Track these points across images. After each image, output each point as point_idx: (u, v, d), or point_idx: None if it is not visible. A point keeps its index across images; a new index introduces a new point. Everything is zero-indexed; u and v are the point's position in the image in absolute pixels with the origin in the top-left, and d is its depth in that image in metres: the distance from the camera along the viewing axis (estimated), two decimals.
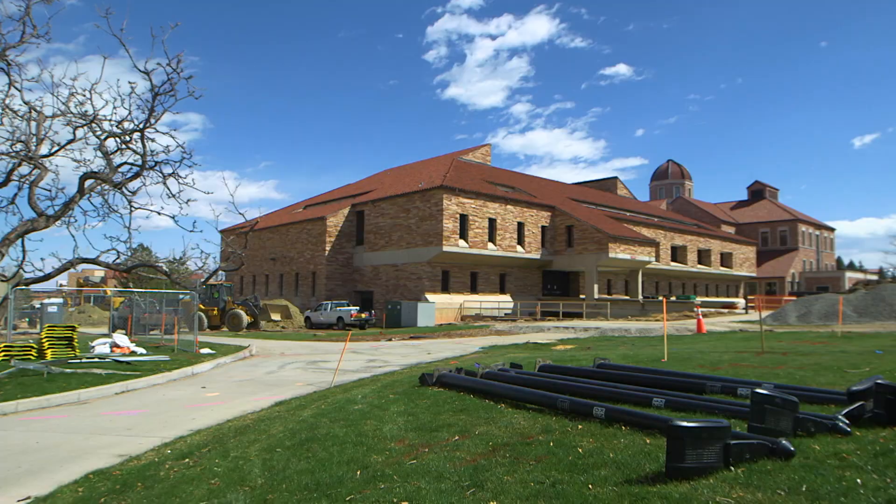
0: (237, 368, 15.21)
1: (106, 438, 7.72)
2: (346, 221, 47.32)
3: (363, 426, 6.05)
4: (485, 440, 5.02)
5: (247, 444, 6.01)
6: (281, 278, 51.16)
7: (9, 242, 20.41)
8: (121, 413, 9.56)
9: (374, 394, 8.36)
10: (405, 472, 4.31)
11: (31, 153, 20.62)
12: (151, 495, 4.72)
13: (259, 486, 4.43)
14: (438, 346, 20.39)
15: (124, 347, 16.07)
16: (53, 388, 11.15)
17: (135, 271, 23.97)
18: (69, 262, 21.62)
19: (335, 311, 38.30)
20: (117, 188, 22.01)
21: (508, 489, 3.72)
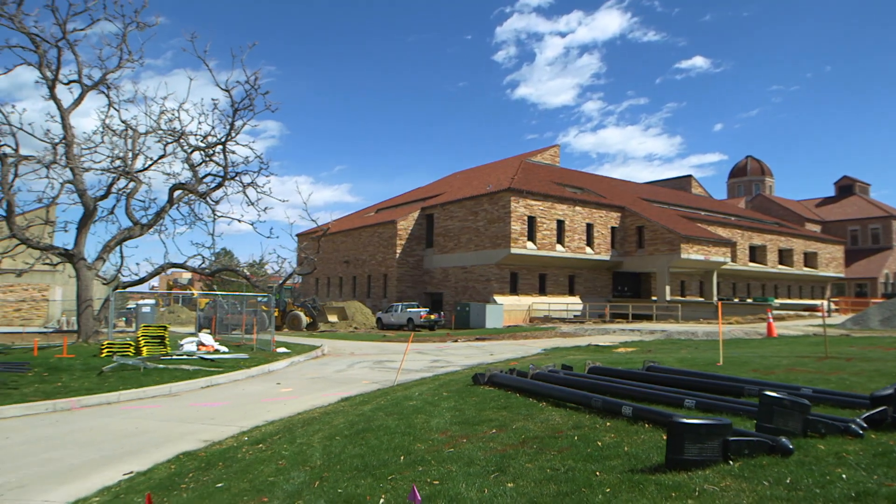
0: (309, 367, 16.26)
1: (193, 426, 8.72)
2: (415, 224, 48.46)
3: (413, 419, 6.69)
4: (518, 433, 5.54)
5: (311, 433, 6.77)
6: (354, 280, 52.91)
7: (109, 249, 22.53)
8: (206, 405, 10.64)
9: (429, 391, 9.00)
10: (442, 458, 4.90)
11: (128, 168, 22.67)
12: (230, 472, 5.52)
13: (318, 467, 5.14)
14: (502, 348, 20.87)
15: (209, 346, 17.45)
16: (149, 381, 12.44)
17: (218, 274, 25.81)
18: (161, 266, 23.62)
19: (405, 313, 39.33)
20: (202, 198, 23.87)
21: (526, 474, 4.24)
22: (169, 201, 23.68)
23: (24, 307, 38.91)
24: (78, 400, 10.69)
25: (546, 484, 3.98)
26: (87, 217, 22.08)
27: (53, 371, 12.99)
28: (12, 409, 9.86)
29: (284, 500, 4.27)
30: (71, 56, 21.75)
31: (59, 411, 10.18)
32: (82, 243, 21.88)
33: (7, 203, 20.52)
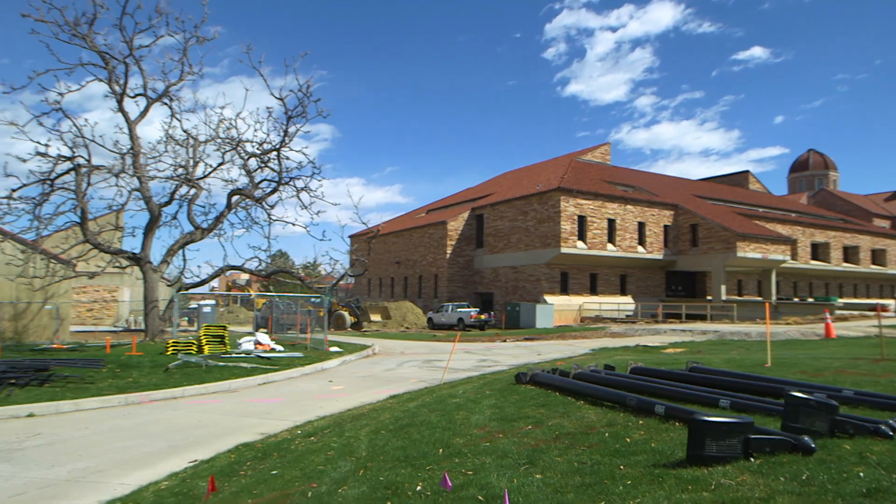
0: (360, 365, 16.82)
1: (251, 420, 9.30)
2: (465, 225, 48.83)
3: (455, 415, 7.02)
4: (553, 430, 5.80)
5: (359, 428, 7.19)
6: (405, 281, 53.69)
7: (172, 253, 23.75)
8: (262, 400, 11.25)
9: (473, 390, 9.31)
10: (478, 451, 5.22)
11: (189, 175, 23.84)
12: (284, 462, 5.98)
13: (363, 457, 5.53)
14: (549, 348, 20.99)
15: (265, 345, 18.24)
16: (210, 377, 13.19)
17: (274, 276, 26.80)
18: (220, 268, 24.74)
19: (455, 313, 39.69)
20: (258, 203, 24.87)
21: (555, 466, 4.51)
22: (227, 206, 24.77)
23: (96, 307, 41.16)
24: (147, 394, 11.49)
25: (572, 476, 4.24)
26: (153, 222, 23.34)
27: (125, 367, 13.92)
28: (90, 401, 10.71)
29: (331, 486, 4.67)
30: (136, 70, 23.04)
31: (130, 405, 10.98)
32: (148, 247, 23.14)
33: (81, 210, 21.91)
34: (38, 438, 8.27)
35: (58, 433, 8.59)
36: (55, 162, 21.84)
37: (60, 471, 6.65)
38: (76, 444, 7.96)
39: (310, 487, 4.73)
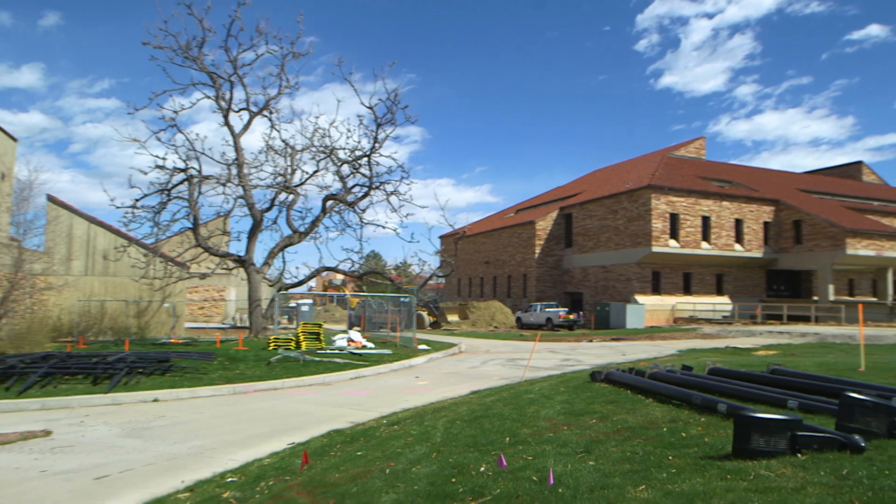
0: (446, 363, 17.50)
1: (342, 410, 10.14)
2: (554, 224, 48.71)
3: (526, 409, 7.47)
4: (615, 424, 6.13)
5: (437, 418, 7.79)
6: (494, 280, 54.19)
7: (273, 255, 25.47)
8: (353, 393, 12.13)
9: (549, 387, 9.69)
10: (541, 440, 5.65)
11: (287, 183, 25.47)
12: (368, 445, 6.66)
13: (437, 443, 6.10)
14: (635, 348, 20.84)
15: (358, 342, 19.31)
16: (307, 371, 14.28)
17: (366, 276, 28.09)
18: (316, 270, 26.27)
19: (544, 313, 39.75)
20: (351, 207, 26.19)
21: (608, 455, 4.88)
22: (322, 211, 26.26)
23: (206, 306, 44.48)
24: (252, 385, 12.68)
25: (622, 463, 4.61)
26: (256, 227, 25.14)
27: (232, 361, 15.30)
28: (204, 390, 11.99)
29: (406, 465, 5.26)
30: (240, 86, 24.91)
31: (237, 394, 12.17)
32: (252, 250, 24.95)
33: (194, 217, 24.00)
34: (162, 420, 9.47)
35: (178, 416, 9.79)
36: (171, 173, 24.03)
37: (181, 447, 7.68)
38: (193, 425, 9.06)
39: (388, 466, 5.35)
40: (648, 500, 3.69)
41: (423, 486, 4.48)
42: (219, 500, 5.07)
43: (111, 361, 13.52)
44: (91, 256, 27.77)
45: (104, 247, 27.54)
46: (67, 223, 26.97)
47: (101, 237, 27.72)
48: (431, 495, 4.25)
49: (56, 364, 13.04)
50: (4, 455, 7.37)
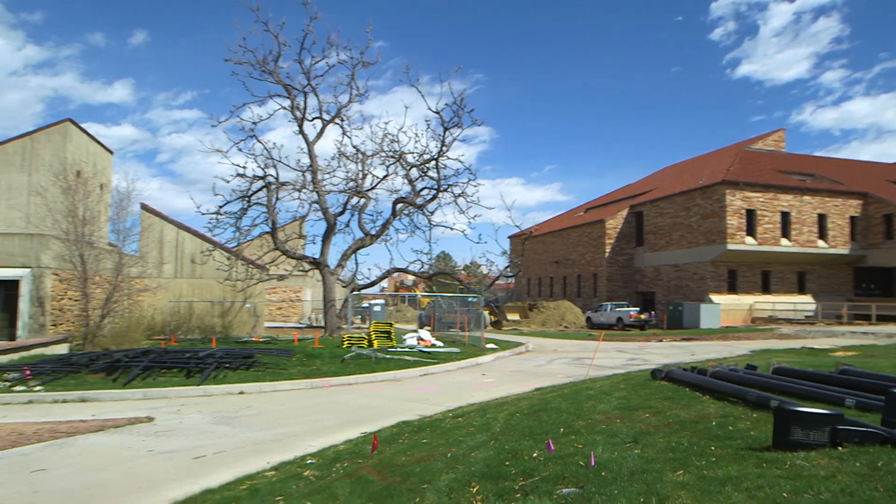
0: (513, 361, 17.88)
1: (411, 404, 10.74)
2: (624, 223, 48.06)
3: (584, 404, 7.80)
4: (667, 418, 6.39)
5: (499, 412, 8.23)
6: (564, 280, 53.93)
7: (346, 257, 26.55)
8: (422, 389, 12.73)
9: (610, 384, 9.95)
10: (593, 431, 6.01)
11: (359, 187, 26.48)
12: (433, 434, 7.19)
13: (496, 432, 6.55)
14: (706, 349, 20.52)
15: (427, 341, 19.97)
16: (378, 368, 15.03)
17: (435, 276, 28.80)
18: (387, 271, 27.19)
19: (614, 312, 39.33)
20: (420, 209, 26.94)
21: (654, 445, 5.19)
22: (392, 214, 27.16)
23: (284, 306, 46.51)
24: (327, 380, 13.51)
25: (665, 452, 4.92)
26: (329, 231, 26.30)
27: (309, 357, 16.25)
28: (284, 384, 12.92)
29: (466, 451, 5.74)
30: (313, 96, 26.11)
31: (314, 388, 13.02)
32: (326, 253, 26.12)
33: (272, 222, 25.39)
34: (248, 410, 10.36)
35: (262, 406, 10.66)
36: (251, 181, 25.51)
37: (266, 433, 8.47)
38: (275, 415, 9.89)
39: (450, 451, 5.85)
40: (684, 483, 4.02)
41: (479, 468, 4.95)
42: (300, 477, 5.71)
43: (202, 357, 14.70)
44: (180, 260, 29.80)
45: (191, 251, 29.50)
46: (159, 230, 29.07)
47: (188, 242, 29.70)
48: (486, 475, 4.71)
49: (154, 359, 14.32)
50: (118, 436, 8.37)
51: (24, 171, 30.51)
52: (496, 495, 4.20)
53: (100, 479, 6.40)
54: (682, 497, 3.71)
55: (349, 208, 27.27)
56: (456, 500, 4.20)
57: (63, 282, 22.09)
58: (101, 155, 35.11)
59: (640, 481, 4.14)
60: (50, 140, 31.14)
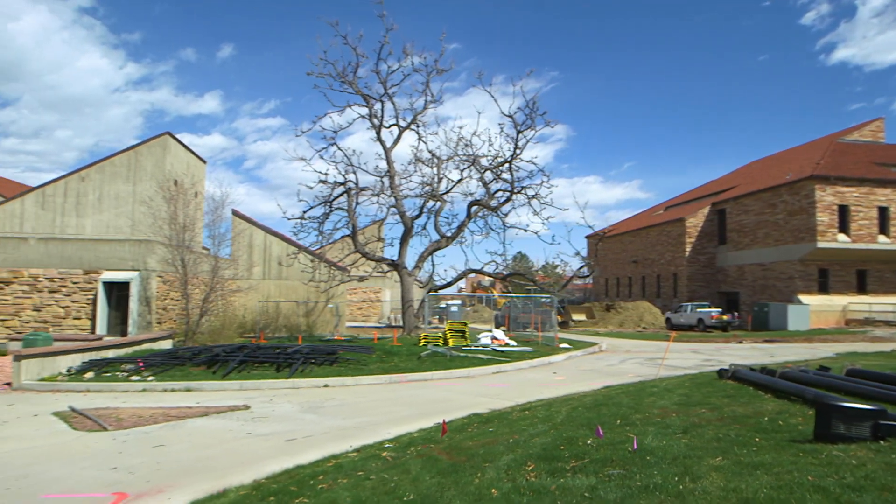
0: (585, 361, 18.13)
1: (483, 399, 11.33)
2: (706, 221, 46.75)
3: (644, 400, 8.15)
4: (722, 413, 6.69)
5: (563, 406, 8.69)
6: (643, 280, 52.99)
7: (423, 259, 27.47)
8: (494, 385, 13.30)
9: (675, 383, 10.18)
10: (648, 423, 6.40)
11: (434, 191, 27.33)
12: (500, 425, 7.76)
13: (557, 423, 7.04)
14: (787, 351, 19.98)
15: (500, 340, 20.49)
16: (453, 365, 15.71)
17: (509, 277, 29.26)
18: (462, 272, 27.90)
19: (695, 313, 38.40)
20: (494, 211, 27.49)
21: (702, 435, 5.54)
22: (467, 216, 27.83)
23: (364, 306, 48.20)
24: (405, 376, 14.32)
25: (711, 441, 5.29)
26: (407, 233, 27.28)
27: (388, 355, 17.15)
28: (365, 378, 13.83)
29: (527, 437, 6.28)
30: (389, 104, 27.18)
31: (392, 383, 13.85)
32: (404, 255, 27.12)
33: (352, 226, 26.64)
34: (332, 401, 11.28)
35: (344, 398, 11.57)
36: (332, 187, 26.87)
37: (348, 422, 9.30)
38: (357, 406, 10.74)
39: (512, 437, 6.40)
40: (718, 467, 4.42)
41: (536, 451, 5.48)
42: (378, 457, 6.41)
43: (290, 353, 15.88)
44: (267, 262, 31.71)
45: (278, 254, 31.33)
46: (248, 234, 31.07)
47: (275, 245, 31.56)
48: (541, 457, 5.25)
49: (248, 354, 15.61)
50: (220, 421, 9.44)
51: (129, 182, 33.38)
52: (548, 473, 4.73)
53: (208, 454, 7.37)
54: (713, 477, 4.12)
55: (425, 211, 28.18)
56: (512, 476, 4.76)
57: (166, 283, 24.14)
58: (195, 164, 37.80)
59: (679, 464, 4.56)
60: (151, 152, 33.90)
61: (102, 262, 23.22)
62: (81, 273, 23.07)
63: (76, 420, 9.59)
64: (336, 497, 4.83)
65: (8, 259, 22.95)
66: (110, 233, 32.06)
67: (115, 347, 17.07)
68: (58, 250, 23.35)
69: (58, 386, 13.13)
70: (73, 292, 23.07)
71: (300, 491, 5.23)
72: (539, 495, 4.13)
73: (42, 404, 11.10)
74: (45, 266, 23.02)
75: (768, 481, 3.95)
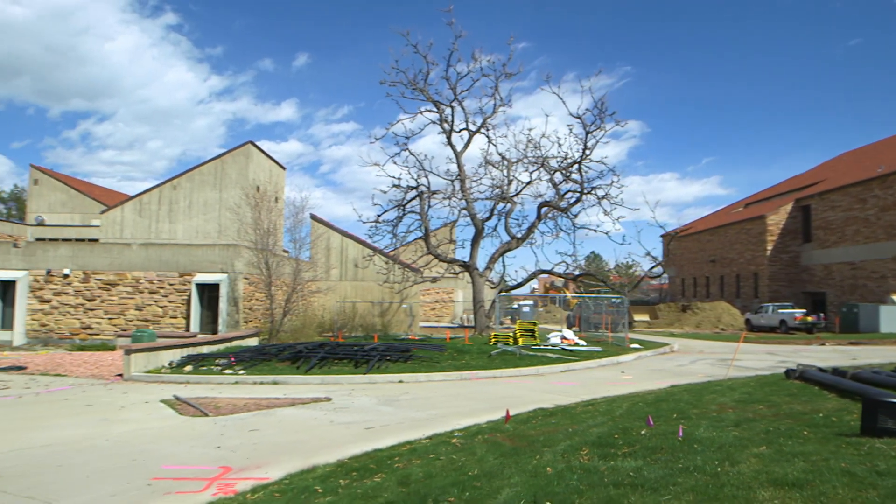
0: (654, 361, 18.15)
1: (549, 395, 11.77)
2: (789, 218, 44.94)
3: (704, 397, 8.40)
4: (779, 410, 6.90)
5: (624, 402, 9.04)
6: (721, 280, 51.42)
7: (493, 260, 28.00)
8: (561, 383, 13.69)
9: (741, 382, 10.30)
10: (703, 417, 6.71)
11: (504, 193, 27.81)
12: (563, 417, 8.21)
13: (616, 416, 7.44)
14: (872, 353, 19.24)
15: (570, 340, 20.75)
16: (522, 363, 16.19)
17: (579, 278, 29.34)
18: (532, 273, 28.25)
19: (777, 314, 37.05)
20: (563, 212, 27.66)
21: (752, 428, 5.84)
22: (537, 217, 28.14)
23: (437, 307, 49.20)
24: (475, 373, 14.92)
25: (759, 434, 5.59)
26: (478, 235, 27.88)
27: (459, 353, 17.79)
28: (437, 375, 14.54)
29: (585, 427, 6.73)
30: (459, 109, 27.86)
31: (463, 380, 14.47)
32: (475, 256, 27.73)
33: (425, 228, 27.50)
34: (406, 395, 12.02)
35: (418, 393, 12.29)
36: (405, 191, 27.80)
37: (421, 414, 9.98)
38: (429, 400, 11.42)
39: (572, 428, 6.87)
40: (759, 454, 4.76)
41: (591, 439, 5.94)
42: (448, 443, 7.02)
43: (367, 350, 16.81)
44: (344, 264, 33.13)
45: (354, 256, 32.69)
46: (326, 238, 32.58)
47: (351, 248, 32.94)
48: (596, 444, 5.71)
49: (328, 351, 16.65)
50: (305, 411, 10.35)
51: (216, 189, 35.72)
52: (600, 457, 5.20)
53: (296, 438, 8.21)
54: (751, 462, 4.49)
55: (496, 213, 28.66)
56: (567, 459, 5.25)
57: (252, 285, 25.77)
58: (276, 171, 39.90)
59: (723, 452, 4.93)
60: (235, 161, 36.14)
61: (195, 265, 25.06)
62: (177, 275, 24.99)
63: (181, 407, 10.74)
64: (410, 472, 5.47)
65: (114, 262, 25.17)
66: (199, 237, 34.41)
67: (209, 344, 18.54)
68: (156, 254, 25.39)
69: (162, 377, 14.53)
70: (169, 293, 25.03)
71: (378, 468, 5.90)
72: (589, 474, 4.61)
73: (150, 393, 12.41)
74: (145, 269, 25.09)
75: (802, 466, 4.27)
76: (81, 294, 25.04)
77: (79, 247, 26.35)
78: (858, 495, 3.57)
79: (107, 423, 9.39)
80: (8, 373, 15.65)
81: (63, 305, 24.99)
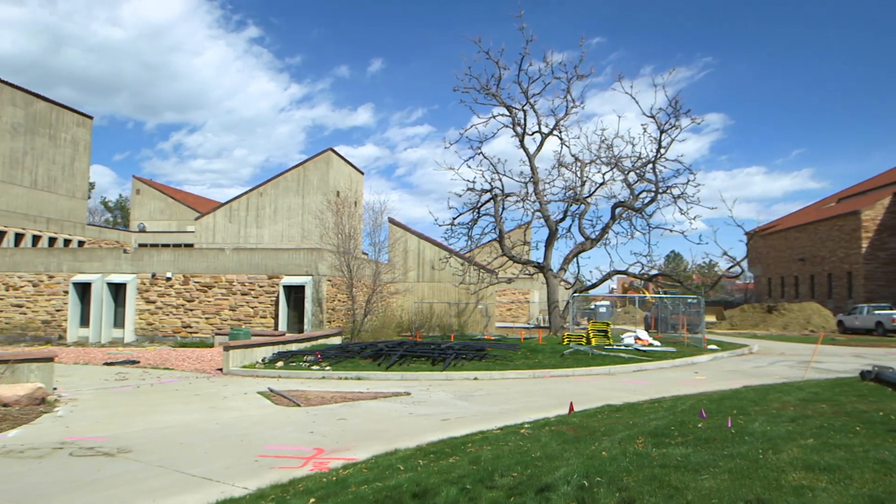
0: (730, 362, 17.99)
1: (618, 393, 12.12)
2: (886, 213, 42.48)
3: (769, 395, 8.60)
4: (842, 409, 7.08)
5: (690, 400, 9.34)
6: (811, 280, 49.15)
7: (568, 261, 28.26)
8: (632, 382, 13.97)
9: (812, 384, 10.34)
10: (761, 413, 7.00)
11: (577, 195, 28.00)
12: (628, 413, 8.62)
13: (678, 412, 7.81)
14: None
15: (644, 340, 20.78)
16: (594, 363, 16.51)
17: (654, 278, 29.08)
18: (607, 273, 28.33)
19: (872, 316, 35.16)
20: (638, 212, 27.57)
21: (806, 423, 6.11)
22: (612, 218, 28.15)
23: (513, 307, 49.60)
24: (547, 371, 15.40)
25: (812, 428, 5.88)
26: (552, 236, 28.20)
27: (533, 352, 18.29)
28: (510, 373, 15.13)
29: (645, 421, 7.16)
30: (532, 112, 28.29)
31: (536, 378, 14.99)
32: (549, 257, 28.07)
33: (499, 230, 28.10)
34: (480, 391, 12.69)
35: (491, 389, 12.93)
36: (479, 194, 28.50)
37: (494, 408, 10.62)
38: (502, 396, 12.04)
39: (633, 420, 7.32)
40: (804, 445, 5.11)
41: (649, 430, 6.40)
42: (517, 433, 7.62)
43: (443, 349, 17.61)
44: (421, 266, 34.22)
45: (431, 258, 33.71)
46: (404, 240, 33.77)
47: (428, 250, 33.98)
48: (652, 434, 6.17)
49: (407, 349, 17.57)
50: (387, 403, 11.23)
51: (299, 195, 37.73)
52: (654, 445, 5.68)
53: (379, 427, 9.05)
54: (793, 451, 4.87)
55: (569, 214, 28.90)
56: (623, 446, 5.75)
57: (334, 286, 27.19)
58: (355, 176, 41.63)
59: (770, 442, 5.30)
60: (317, 167, 38.04)
61: (282, 268, 26.72)
62: (266, 278, 26.74)
63: (275, 398, 11.86)
64: (480, 455, 6.13)
65: (210, 266, 27.22)
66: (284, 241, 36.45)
67: (296, 342, 19.89)
68: (247, 258, 27.25)
69: (256, 372, 15.87)
70: (259, 294, 26.82)
71: (453, 452, 6.60)
72: (640, 458, 5.11)
73: (247, 386, 13.68)
74: (237, 272, 26.99)
75: (840, 455, 4.62)
76: (182, 295, 27.23)
77: (178, 252, 28.62)
78: (882, 479, 3.92)
79: (214, 410, 10.59)
80: (125, 366, 17.51)
81: (166, 306, 27.27)
